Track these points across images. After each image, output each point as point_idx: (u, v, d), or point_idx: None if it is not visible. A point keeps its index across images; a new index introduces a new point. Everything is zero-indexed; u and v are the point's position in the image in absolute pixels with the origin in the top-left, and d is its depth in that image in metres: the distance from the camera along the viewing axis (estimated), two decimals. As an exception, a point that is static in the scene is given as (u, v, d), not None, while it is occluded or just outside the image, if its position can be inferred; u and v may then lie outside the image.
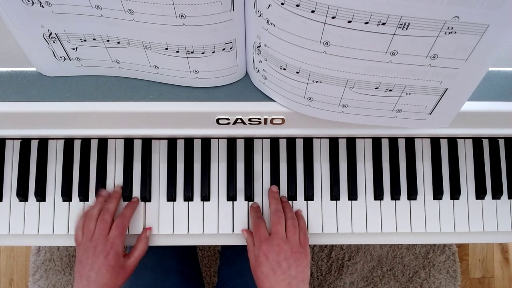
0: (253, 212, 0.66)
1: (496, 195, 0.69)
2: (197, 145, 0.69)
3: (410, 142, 0.70)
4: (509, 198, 0.70)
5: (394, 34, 0.41)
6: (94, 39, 0.53)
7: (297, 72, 0.49)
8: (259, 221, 0.64)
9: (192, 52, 0.51)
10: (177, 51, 0.51)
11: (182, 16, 0.45)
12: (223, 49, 0.51)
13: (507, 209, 0.69)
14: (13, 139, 0.69)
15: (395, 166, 0.69)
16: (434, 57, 0.44)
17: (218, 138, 0.69)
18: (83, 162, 0.68)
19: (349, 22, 0.40)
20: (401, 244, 1.30)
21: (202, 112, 0.58)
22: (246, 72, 0.59)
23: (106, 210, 0.64)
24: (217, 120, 0.59)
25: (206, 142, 0.69)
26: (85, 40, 0.53)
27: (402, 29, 0.41)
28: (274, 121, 0.60)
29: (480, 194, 0.69)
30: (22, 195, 0.67)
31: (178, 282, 0.79)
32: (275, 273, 0.58)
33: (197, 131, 0.63)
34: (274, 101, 0.58)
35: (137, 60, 0.55)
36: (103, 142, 0.69)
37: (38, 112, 0.58)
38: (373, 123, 0.56)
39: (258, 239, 0.62)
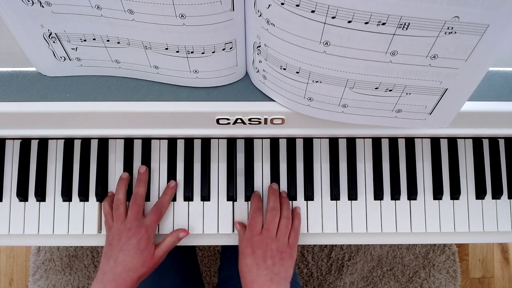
0: (256, 199, 0.66)
1: (496, 195, 0.69)
2: (197, 145, 0.69)
3: (410, 142, 0.70)
4: (509, 198, 0.70)
5: (394, 34, 0.41)
6: (94, 39, 0.53)
7: (297, 72, 0.49)
8: (258, 213, 0.64)
9: (192, 52, 0.51)
10: (177, 51, 0.51)
11: (182, 16, 0.45)
12: (223, 49, 0.51)
13: (507, 209, 0.69)
14: (13, 139, 0.69)
15: (395, 166, 0.69)
16: (434, 57, 0.44)
17: (218, 138, 0.69)
18: (83, 162, 0.68)
19: (349, 22, 0.40)
20: (401, 244, 1.30)
21: (202, 112, 0.58)
22: (246, 72, 0.59)
23: (137, 194, 0.64)
24: (217, 120, 0.59)
25: (206, 142, 0.69)
26: (85, 40, 0.53)
27: (402, 29, 0.41)
28: (274, 121, 0.60)
29: (480, 194, 0.69)
30: (22, 195, 0.67)
31: (177, 282, 0.79)
32: (259, 268, 0.59)
33: (197, 131, 0.63)
34: (274, 101, 0.58)
35: (137, 60, 0.55)
36: (103, 142, 0.69)
37: (38, 112, 0.58)
38: (373, 123, 0.56)
39: (250, 231, 0.62)
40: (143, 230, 0.61)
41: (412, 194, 0.69)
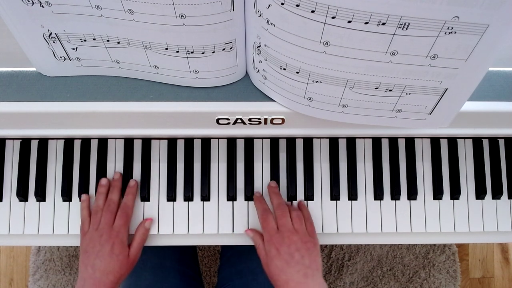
0: (258, 202, 0.66)
1: (496, 195, 0.69)
2: (197, 145, 0.69)
3: (410, 142, 0.70)
4: (509, 198, 0.70)
5: (394, 34, 0.41)
6: (94, 39, 0.53)
7: (297, 72, 0.49)
8: (267, 213, 0.63)
9: (192, 52, 0.51)
10: (177, 51, 0.51)
11: (182, 16, 0.45)
12: (223, 49, 0.51)
13: (507, 209, 0.69)
14: (13, 139, 0.69)
15: (395, 166, 0.69)
16: (434, 57, 0.44)
17: (218, 138, 0.69)
18: (83, 162, 0.68)
19: (349, 22, 0.40)
20: (401, 244, 1.30)
21: (202, 112, 0.58)
22: (246, 72, 0.59)
23: (111, 201, 0.65)
24: (217, 120, 0.59)
25: (206, 142, 0.69)
26: (85, 40, 0.53)
27: (402, 29, 0.41)
28: (274, 121, 0.60)
29: (480, 194, 0.69)
30: (22, 195, 0.67)
31: (178, 282, 0.79)
32: (289, 265, 0.58)
33: (197, 131, 0.63)
34: (274, 101, 0.58)
35: (137, 60, 0.55)
36: (103, 142, 0.69)
37: (38, 112, 0.58)
38: (373, 123, 0.56)
39: (267, 233, 0.61)
40: (114, 235, 0.62)
41: (412, 194, 0.69)
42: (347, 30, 0.41)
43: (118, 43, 0.52)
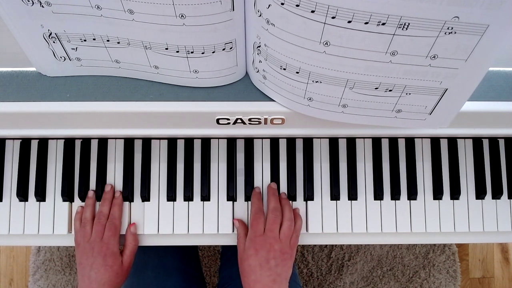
0: (256, 199, 0.66)
1: (496, 195, 0.69)
2: (197, 145, 0.69)
3: (410, 142, 0.70)
4: (509, 198, 0.70)
5: (394, 34, 0.41)
6: (94, 39, 0.53)
7: (297, 72, 0.49)
8: (260, 214, 0.64)
9: (192, 52, 0.51)
10: (177, 51, 0.51)
11: (182, 16, 0.45)
12: (223, 49, 0.51)
13: (507, 209, 0.69)
14: (13, 139, 0.69)
15: (395, 166, 0.69)
16: (434, 57, 0.44)
17: (218, 138, 0.69)
18: (83, 162, 0.68)
19: (349, 22, 0.40)
20: (401, 244, 1.30)
21: (202, 112, 0.58)
22: (246, 72, 0.59)
23: (101, 213, 0.66)
24: (217, 120, 0.59)
25: (206, 142, 0.69)
26: (85, 40, 0.53)
27: (402, 29, 0.41)
28: (274, 121, 0.60)
29: (480, 194, 0.69)
30: (22, 195, 0.67)
31: (179, 282, 0.79)
32: (262, 269, 0.60)
33: (197, 131, 0.63)
34: (274, 101, 0.58)
35: (137, 60, 0.55)
36: (103, 142, 0.69)
37: (38, 112, 0.58)
38: (373, 123, 0.56)
39: (253, 232, 0.63)
40: (105, 248, 0.63)
41: (412, 194, 0.69)
42: (347, 30, 0.41)
43: (118, 43, 0.52)
